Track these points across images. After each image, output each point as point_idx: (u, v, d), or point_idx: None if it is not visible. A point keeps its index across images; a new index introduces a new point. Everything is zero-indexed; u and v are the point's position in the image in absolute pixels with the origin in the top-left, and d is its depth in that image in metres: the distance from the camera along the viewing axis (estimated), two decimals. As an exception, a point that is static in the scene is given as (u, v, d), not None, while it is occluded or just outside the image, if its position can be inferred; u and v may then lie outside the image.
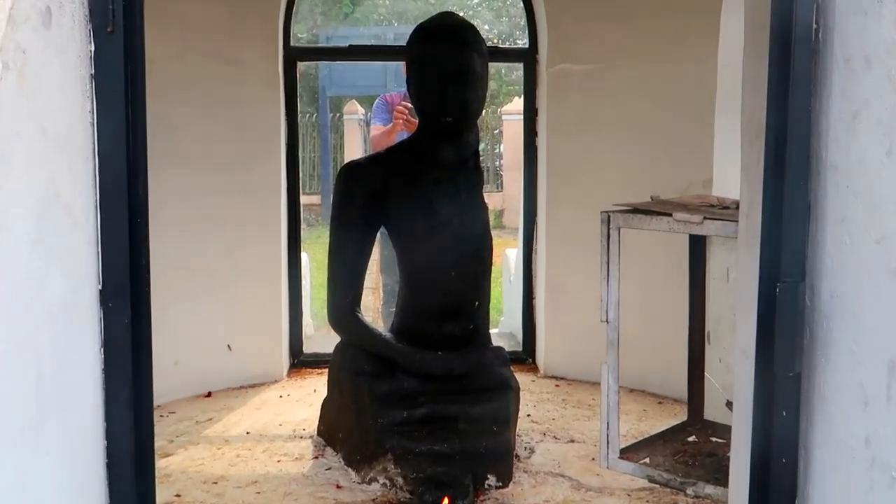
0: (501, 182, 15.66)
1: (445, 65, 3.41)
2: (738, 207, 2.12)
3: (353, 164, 3.73)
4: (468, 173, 3.60)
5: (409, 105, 4.70)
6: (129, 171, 1.58)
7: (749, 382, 1.70)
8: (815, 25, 1.56)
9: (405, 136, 5.14)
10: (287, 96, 4.73)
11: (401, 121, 5.13)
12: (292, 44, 4.83)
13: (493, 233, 3.84)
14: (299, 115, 5.04)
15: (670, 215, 2.85)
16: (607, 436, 3.08)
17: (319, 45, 13.90)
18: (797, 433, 1.61)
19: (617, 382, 3.04)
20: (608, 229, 2.94)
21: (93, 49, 1.55)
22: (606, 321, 2.99)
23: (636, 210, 2.99)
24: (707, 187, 4.07)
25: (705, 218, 2.75)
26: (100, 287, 1.59)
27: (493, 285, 3.89)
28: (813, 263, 1.58)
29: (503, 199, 14.62)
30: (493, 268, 3.81)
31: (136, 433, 1.65)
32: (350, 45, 5.35)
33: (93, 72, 1.55)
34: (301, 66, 4.99)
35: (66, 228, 1.48)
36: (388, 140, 5.11)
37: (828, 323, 1.56)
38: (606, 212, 2.98)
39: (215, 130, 4.39)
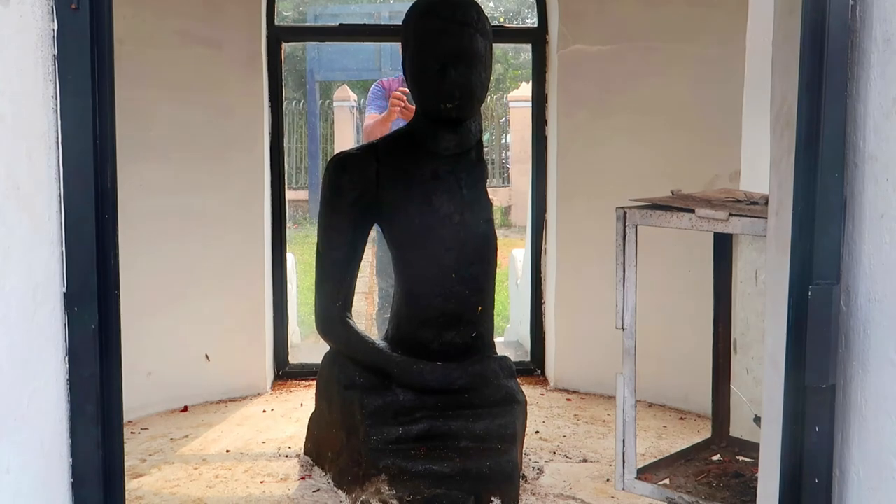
0: (508, 176, 15.69)
1: (445, 45, 3.42)
2: (767, 203, 2.12)
3: (344, 156, 3.74)
4: (470, 166, 3.61)
5: (408, 90, 4.71)
6: (95, 162, 1.59)
7: (779, 395, 1.70)
8: (851, 2, 1.56)
9: (402, 124, 5.15)
10: (271, 81, 4.73)
11: (398, 108, 5.13)
12: (276, 22, 4.84)
13: (499, 231, 3.84)
14: (284, 102, 5.04)
15: (693, 211, 2.85)
16: (623, 454, 3.08)
17: (307, 23, 13.93)
18: (831, 451, 1.62)
19: (634, 396, 3.04)
20: (624, 227, 2.94)
21: (56, 28, 1.56)
22: (622, 328, 2.99)
23: (655, 206, 2.99)
24: (734, 180, 4.08)
25: (731, 214, 2.75)
26: (64, 290, 1.60)
27: (498, 289, 3.89)
28: (849, 264, 1.59)
29: (510, 195, 14.66)
30: (498, 270, 3.81)
31: (105, 451, 1.66)
32: (340, 24, 5.39)
33: (56, 53, 1.56)
34: (286, 47, 5.00)
35: (25, 226, 1.49)
36: (382, 129, 5.12)
37: (865, 329, 1.56)
38: (622, 208, 2.98)
39: (191, 118, 4.40)
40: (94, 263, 1.60)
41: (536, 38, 4.91)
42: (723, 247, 3.44)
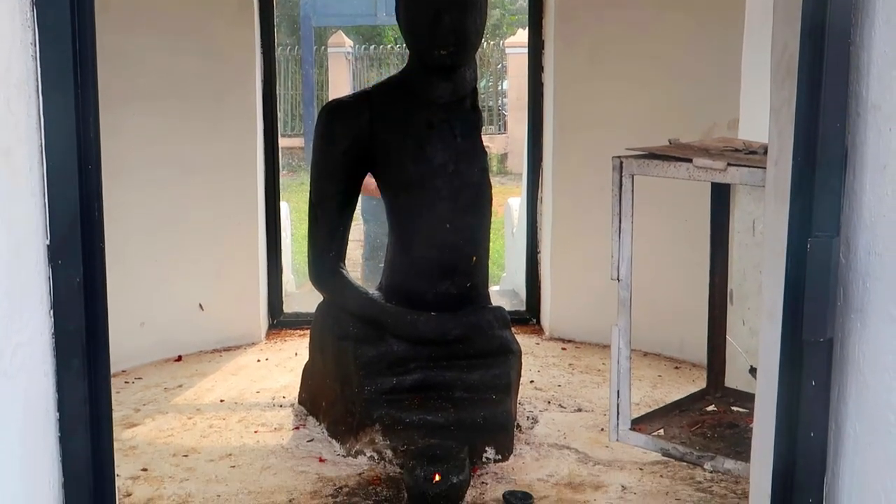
0: (505, 123, 15.56)
1: (439, -10, 3.35)
2: (766, 153, 2.09)
3: (336, 104, 3.70)
4: (465, 114, 3.56)
5: None
6: (77, 111, 1.54)
7: (775, 348, 1.68)
8: (856, -54, 1.51)
9: None
10: (262, 26, 4.65)
11: None
12: (269, -33, 4.74)
13: (497, 179, 3.81)
14: (278, 48, 4.96)
15: (690, 161, 2.81)
16: (618, 406, 3.08)
17: (301, -32, 13.73)
18: (827, 405, 1.60)
19: (629, 347, 3.03)
20: (620, 177, 2.90)
21: (33, -29, 1.50)
22: (618, 279, 2.97)
23: (652, 155, 2.95)
24: (733, 129, 4.03)
25: (729, 164, 2.71)
26: (47, 242, 1.56)
27: (494, 238, 3.87)
28: (849, 216, 1.55)
29: (507, 142, 14.53)
30: (494, 219, 3.78)
31: (92, 405, 1.63)
32: (334, -31, 5.27)
33: (34, -3, 1.51)
34: (279, -8, 4.91)
35: (4, 178, 1.45)
36: None
37: (864, 283, 1.53)
38: (619, 157, 2.94)
39: (181, 65, 4.33)
40: (78, 215, 1.56)
41: (533, -18, 4.82)
42: (720, 196, 3.40)
